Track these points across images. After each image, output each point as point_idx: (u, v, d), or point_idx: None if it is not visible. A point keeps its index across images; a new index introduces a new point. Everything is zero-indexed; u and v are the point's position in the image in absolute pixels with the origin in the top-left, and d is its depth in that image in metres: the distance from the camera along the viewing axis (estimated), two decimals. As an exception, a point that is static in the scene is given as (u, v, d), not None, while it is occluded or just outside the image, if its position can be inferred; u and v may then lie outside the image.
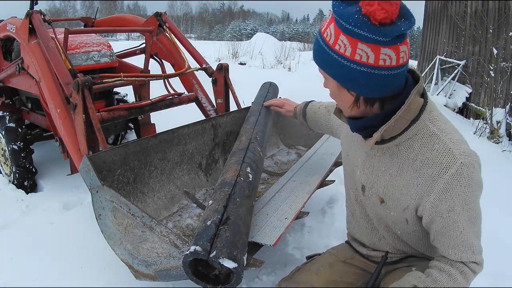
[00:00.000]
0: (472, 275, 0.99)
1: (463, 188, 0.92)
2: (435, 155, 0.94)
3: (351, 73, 0.89)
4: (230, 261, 0.96)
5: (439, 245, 1.01)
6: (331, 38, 0.90)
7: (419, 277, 0.99)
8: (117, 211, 1.32)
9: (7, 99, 3.08)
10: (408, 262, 1.17)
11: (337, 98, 1.03)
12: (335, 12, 0.88)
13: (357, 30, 0.84)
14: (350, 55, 0.87)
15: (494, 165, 3.59)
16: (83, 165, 1.39)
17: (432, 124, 0.98)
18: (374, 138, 0.98)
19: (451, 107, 5.84)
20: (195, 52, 2.86)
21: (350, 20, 0.84)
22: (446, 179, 0.92)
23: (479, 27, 5.59)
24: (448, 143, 0.94)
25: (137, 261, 1.27)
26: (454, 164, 0.91)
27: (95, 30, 3.16)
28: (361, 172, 1.13)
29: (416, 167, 0.98)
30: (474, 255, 0.98)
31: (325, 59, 0.93)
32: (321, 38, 0.93)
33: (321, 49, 0.93)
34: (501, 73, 4.95)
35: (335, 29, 0.88)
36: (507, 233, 2.27)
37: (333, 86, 1.00)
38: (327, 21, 0.94)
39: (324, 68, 0.96)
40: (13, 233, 2.16)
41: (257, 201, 1.57)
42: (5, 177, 2.93)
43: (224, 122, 2.20)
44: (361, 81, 0.90)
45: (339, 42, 0.88)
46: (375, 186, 1.09)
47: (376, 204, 1.11)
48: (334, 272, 1.22)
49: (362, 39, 0.85)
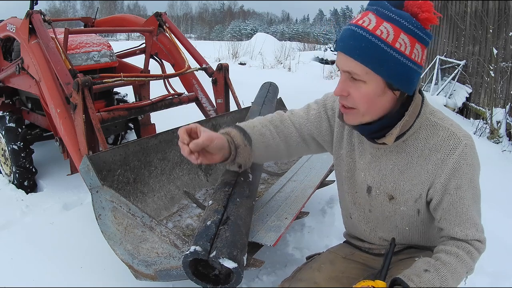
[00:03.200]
0: (477, 254, 1.04)
1: (469, 166, 1.01)
2: (441, 140, 1.02)
3: (408, 71, 0.94)
4: (230, 261, 0.96)
5: (445, 224, 1.05)
6: (389, 36, 0.91)
7: (428, 262, 1.01)
8: (117, 211, 1.32)
9: (7, 99, 3.08)
10: (410, 253, 1.19)
11: (374, 101, 0.98)
12: (394, 12, 0.92)
13: (418, 31, 0.93)
14: (409, 54, 0.93)
15: (494, 165, 3.59)
16: (83, 165, 1.39)
17: (432, 115, 1.05)
18: (394, 134, 1.01)
19: (451, 107, 5.84)
20: (195, 52, 2.86)
21: (413, 21, 0.92)
22: (455, 158, 1.00)
23: (479, 27, 5.59)
24: (450, 128, 1.03)
25: (137, 261, 1.27)
26: (460, 144, 1.00)
27: (95, 30, 3.17)
28: (366, 174, 1.14)
29: (424, 155, 1.04)
30: (477, 233, 1.04)
31: (380, 56, 0.92)
32: (371, 35, 0.92)
33: (373, 46, 0.92)
34: (501, 73, 4.95)
35: (394, 28, 0.92)
36: (507, 233, 2.27)
37: (375, 88, 0.96)
38: (370, 18, 0.94)
39: (374, 66, 0.93)
40: (13, 233, 2.17)
41: (257, 201, 1.57)
42: (5, 177, 2.93)
43: (224, 122, 2.20)
44: (414, 78, 0.96)
45: (399, 41, 0.92)
46: (383, 185, 1.11)
47: (384, 203, 1.13)
48: (336, 269, 1.23)
49: (419, 40, 0.94)
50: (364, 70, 0.94)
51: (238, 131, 1.17)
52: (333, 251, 1.33)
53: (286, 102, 2.78)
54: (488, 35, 5.25)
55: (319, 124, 1.23)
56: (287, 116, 1.28)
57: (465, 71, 6.01)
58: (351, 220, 1.27)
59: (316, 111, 1.24)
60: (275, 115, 1.29)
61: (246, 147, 1.15)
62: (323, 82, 7.65)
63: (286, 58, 11.38)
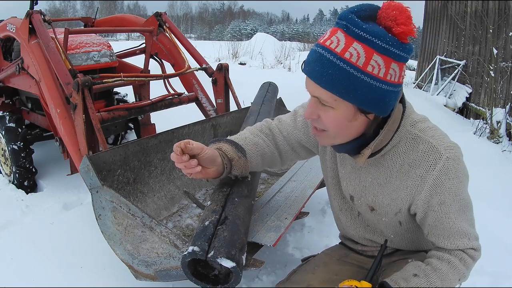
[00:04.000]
0: (471, 261, 1.01)
1: (452, 180, 0.94)
2: (421, 155, 0.96)
3: (381, 94, 0.85)
4: (228, 261, 0.96)
5: (434, 238, 1.02)
6: (359, 59, 0.82)
7: (419, 266, 1.00)
8: (117, 211, 1.32)
9: (7, 99, 3.08)
10: (403, 255, 1.18)
11: (344, 125, 0.92)
12: (365, 30, 0.81)
13: (393, 49, 0.83)
14: (383, 76, 0.84)
15: (494, 165, 3.59)
16: (83, 165, 1.39)
17: (413, 127, 0.99)
18: (366, 155, 0.96)
19: (451, 107, 5.84)
20: (195, 52, 2.86)
21: (388, 39, 0.82)
22: (435, 175, 0.94)
23: (479, 27, 5.59)
24: (431, 141, 0.96)
25: (137, 261, 1.27)
26: (440, 159, 0.94)
27: (95, 30, 3.17)
28: (347, 184, 1.13)
29: (404, 171, 0.99)
30: (470, 242, 1.00)
31: (348, 83, 0.83)
32: (338, 59, 0.83)
33: (341, 73, 0.83)
34: (501, 73, 4.95)
35: (365, 49, 0.82)
36: (507, 233, 2.27)
37: (344, 113, 0.89)
38: (339, 38, 0.84)
39: (342, 93, 0.85)
40: (13, 233, 2.17)
41: (257, 201, 1.57)
42: (5, 177, 2.93)
43: (224, 122, 2.20)
44: (389, 101, 0.87)
45: (371, 63, 0.82)
46: (363, 196, 1.10)
47: (367, 212, 1.12)
48: (330, 271, 1.23)
49: (396, 58, 0.84)
50: (332, 98, 0.87)
51: (230, 144, 1.16)
52: (328, 253, 1.33)
53: (286, 102, 2.78)
54: (488, 35, 5.25)
55: (306, 130, 1.21)
56: (274, 125, 1.27)
57: (465, 71, 6.01)
58: (341, 224, 1.27)
59: (303, 117, 1.20)
60: (264, 124, 1.28)
61: (240, 159, 1.15)
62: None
63: (286, 58, 11.39)
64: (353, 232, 1.23)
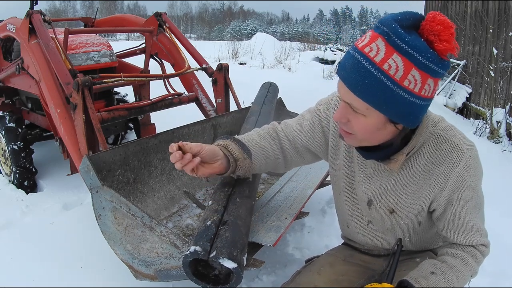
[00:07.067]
0: (482, 258, 1.04)
1: (472, 177, 0.99)
2: (444, 154, 0.99)
3: (413, 108, 0.86)
4: (230, 261, 0.96)
5: (449, 233, 1.05)
6: (397, 72, 0.81)
7: (435, 264, 1.01)
8: (117, 211, 1.32)
9: (7, 99, 3.08)
10: (409, 254, 1.19)
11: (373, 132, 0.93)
12: (407, 43, 0.80)
13: (432, 65, 0.82)
14: (418, 91, 0.84)
15: (494, 165, 3.59)
16: (83, 165, 1.39)
17: (434, 127, 1.02)
18: (400, 160, 0.98)
19: (451, 107, 5.84)
20: (195, 52, 2.86)
21: (428, 55, 0.81)
22: (458, 172, 0.98)
23: (479, 27, 5.59)
24: (453, 140, 0.99)
25: (137, 261, 1.27)
26: (463, 157, 0.98)
27: (95, 30, 3.17)
28: (366, 187, 1.12)
29: (428, 170, 1.02)
30: (482, 238, 1.04)
31: (384, 95, 0.83)
32: (377, 69, 0.82)
33: (378, 84, 0.82)
34: (501, 73, 4.95)
35: (404, 63, 0.81)
36: (507, 233, 2.27)
37: (375, 122, 0.90)
38: (379, 46, 0.82)
39: (375, 104, 0.85)
40: (13, 233, 2.17)
41: (257, 201, 1.57)
42: (5, 177, 2.93)
43: (224, 122, 2.20)
44: (420, 114, 0.89)
45: (409, 78, 0.82)
46: (384, 199, 1.10)
47: (384, 216, 1.12)
48: (336, 271, 1.22)
49: (433, 75, 0.84)
50: (365, 106, 0.87)
51: (237, 144, 1.15)
52: (332, 254, 1.32)
53: (286, 102, 2.79)
54: (488, 35, 5.25)
55: (312, 135, 1.20)
56: (280, 128, 1.26)
57: (465, 71, 6.01)
58: (348, 230, 1.27)
59: (310, 122, 1.20)
60: (270, 127, 1.28)
61: (245, 160, 1.14)
62: (323, 82, 7.63)
63: (286, 58, 11.37)
64: (361, 238, 1.23)
